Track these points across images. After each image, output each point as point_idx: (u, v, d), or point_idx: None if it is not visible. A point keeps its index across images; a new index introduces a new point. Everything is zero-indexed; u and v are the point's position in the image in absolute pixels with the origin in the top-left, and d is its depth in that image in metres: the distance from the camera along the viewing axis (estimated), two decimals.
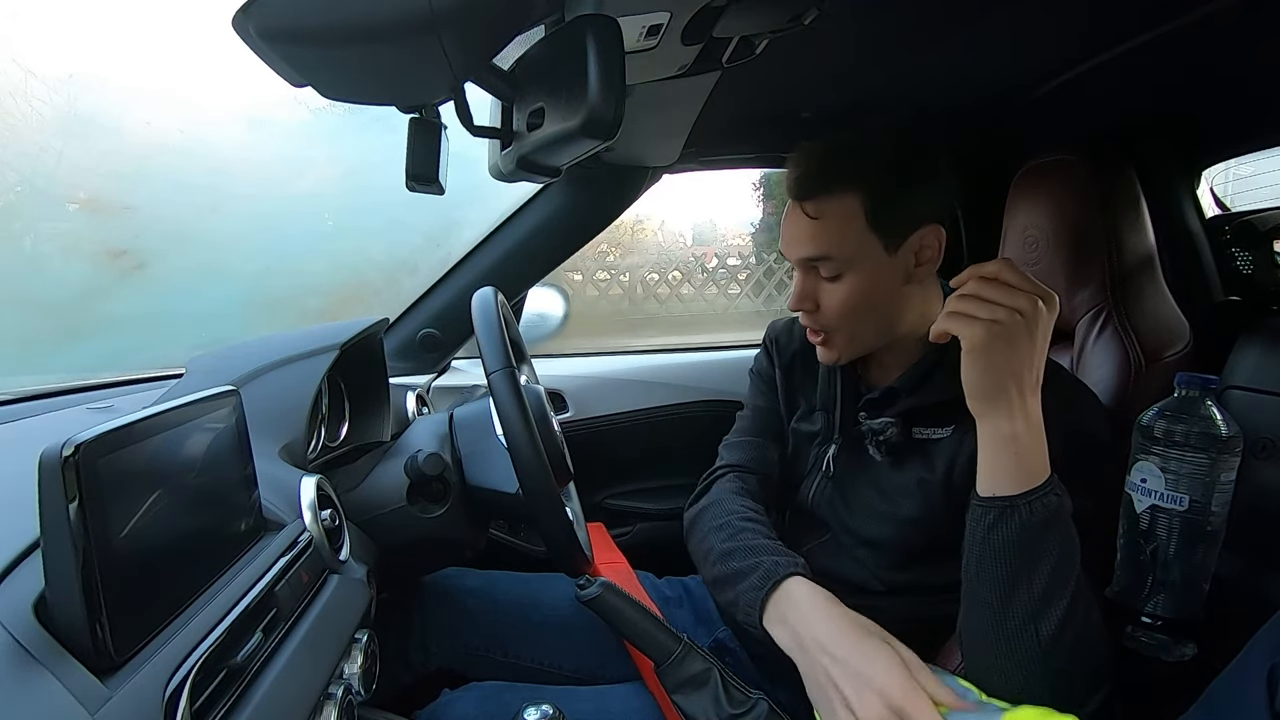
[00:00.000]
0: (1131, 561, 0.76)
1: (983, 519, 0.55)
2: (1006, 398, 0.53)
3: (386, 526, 0.75)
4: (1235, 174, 1.09)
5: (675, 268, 2.26)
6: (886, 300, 0.71)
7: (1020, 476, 0.53)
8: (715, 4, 0.52)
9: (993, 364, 0.53)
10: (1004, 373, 0.53)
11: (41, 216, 1.22)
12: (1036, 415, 0.54)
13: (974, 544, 0.56)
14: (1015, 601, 0.53)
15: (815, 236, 0.67)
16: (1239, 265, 0.97)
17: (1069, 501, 0.54)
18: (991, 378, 0.53)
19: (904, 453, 0.72)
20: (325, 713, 0.50)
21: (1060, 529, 0.53)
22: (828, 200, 0.67)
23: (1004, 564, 0.54)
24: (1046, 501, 0.53)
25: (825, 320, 0.71)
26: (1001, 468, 0.54)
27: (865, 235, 0.67)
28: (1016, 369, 0.53)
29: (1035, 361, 0.54)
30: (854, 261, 0.68)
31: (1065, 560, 0.53)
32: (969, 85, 0.90)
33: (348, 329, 0.79)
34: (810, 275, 0.70)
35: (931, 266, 0.71)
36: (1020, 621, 0.53)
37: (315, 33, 0.38)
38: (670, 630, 0.64)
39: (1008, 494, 0.53)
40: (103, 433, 0.37)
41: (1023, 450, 0.53)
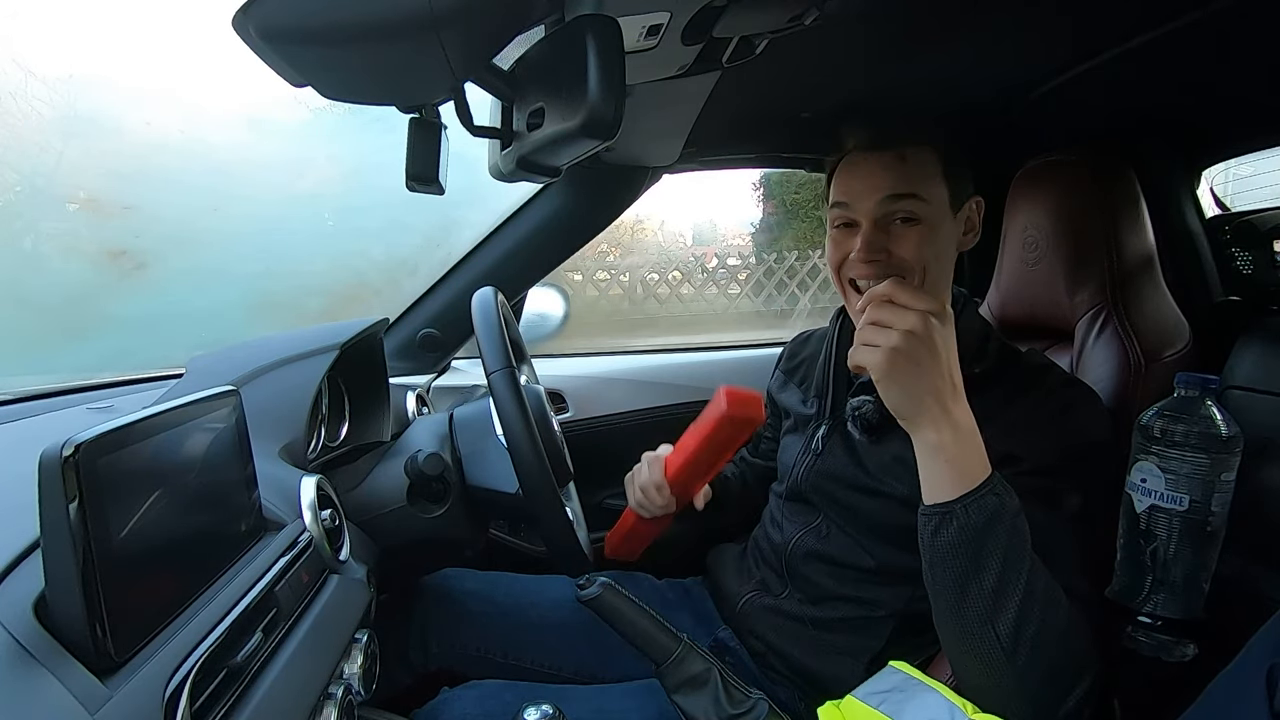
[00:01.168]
0: (1131, 561, 0.76)
1: (926, 526, 0.56)
2: (928, 412, 0.55)
3: (386, 526, 0.75)
4: (1235, 174, 1.09)
5: (675, 268, 2.27)
6: (944, 259, 0.72)
7: (955, 482, 0.55)
8: (715, 4, 0.52)
9: (904, 385, 0.55)
10: (918, 390, 0.55)
11: (41, 216, 1.22)
12: (964, 421, 0.56)
13: (924, 551, 0.57)
14: (968, 603, 0.54)
15: (905, 176, 0.69)
16: (1239, 265, 0.97)
17: (1012, 500, 0.55)
18: (907, 397, 0.55)
19: (883, 431, 0.73)
20: (325, 713, 0.50)
21: (1002, 528, 0.54)
22: (913, 148, 0.69)
23: (951, 568, 0.55)
24: (984, 503, 0.54)
25: (899, 264, 0.70)
26: (936, 476, 0.56)
27: (940, 186, 0.70)
28: (929, 384, 0.55)
29: (945, 372, 0.55)
30: (931, 206, 0.69)
31: (1013, 558, 0.54)
32: (969, 85, 0.90)
33: (348, 329, 0.79)
34: (881, 228, 0.70)
35: (973, 239, 0.74)
36: (977, 622, 0.54)
37: (315, 33, 0.38)
38: (670, 630, 0.64)
39: (945, 500, 0.55)
40: (103, 433, 0.37)
41: (953, 457, 0.55)
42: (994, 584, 0.53)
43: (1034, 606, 0.53)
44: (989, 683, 0.55)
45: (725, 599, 0.87)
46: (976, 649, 0.55)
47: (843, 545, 0.77)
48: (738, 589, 0.85)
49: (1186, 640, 0.73)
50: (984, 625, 0.54)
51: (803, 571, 0.79)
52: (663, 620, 0.65)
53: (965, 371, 0.69)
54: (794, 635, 0.77)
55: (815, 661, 0.75)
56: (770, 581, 0.83)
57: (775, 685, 0.78)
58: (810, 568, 0.78)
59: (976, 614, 0.54)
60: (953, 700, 0.54)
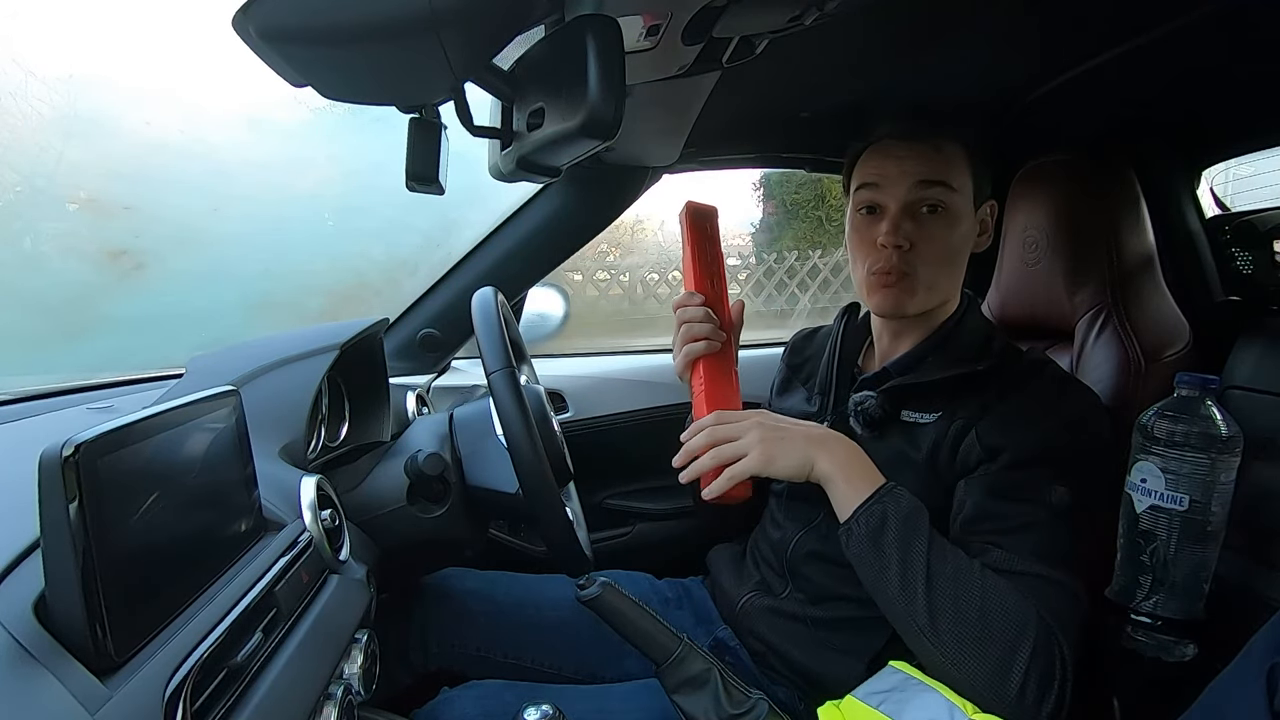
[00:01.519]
0: (1131, 561, 0.76)
1: (842, 544, 0.64)
2: (812, 457, 0.65)
3: (386, 526, 0.75)
4: (1235, 174, 1.09)
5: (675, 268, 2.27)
6: (961, 256, 0.75)
7: (849, 500, 0.63)
8: (715, 4, 0.52)
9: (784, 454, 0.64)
10: (794, 449, 0.65)
11: (41, 216, 1.22)
12: (840, 443, 0.66)
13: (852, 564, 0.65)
14: (887, 600, 0.61)
15: (938, 165, 0.71)
16: (1239, 265, 0.97)
17: (899, 505, 0.62)
18: (794, 458, 0.65)
19: (886, 427, 0.74)
20: (325, 713, 0.50)
21: (890, 532, 0.61)
22: (947, 141, 0.72)
23: (863, 572, 0.63)
24: (871, 513, 0.62)
25: (916, 258, 0.72)
26: (838, 498, 0.65)
27: (967, 181, 0.72)
28: (797, 439, 0.65)
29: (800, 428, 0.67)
30: (958, 198, 0.72)
31: (910, 555, 0.60)
32: (969, 85, 0.90)
33: (348, 329, 0.79)
34: (908, 215, 0.72)
35: (985, 240, 0.77)
36: (898, 612, 0.61)
37: (315, 33, 0.38)
38: (670, 630, 0.64)
39: (844, 519, 0.64)
40: (103, 433, 0.37)
41: (846, 478, 0.64)
42: (898, 581, 0.60)
43: (942, 595, 0.59)
44: (937, 667, 0.59)
45: (725, 599, 0.87)
46: (908, 635, 0.61)
47: None
48: (738, 589, 0.85)
49: (1186, 640, 0.73)
50: (906, 618, 0.60)
51: (803, 571, 0.79)
52: (663, 620, 0.65)
53: (968, 369, 0.70)
54: (794, 635, 0.77)
55: (815, 661, 0.75)
56: (771, 581, 0.83)
57: (775, 685, 0.78)
58: (811, 567, 0.78)
59: (895, 610, 0.61)
60: (953, 700, 0.54)
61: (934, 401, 0.71)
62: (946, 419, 0.70)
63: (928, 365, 0.74)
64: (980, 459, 0.66)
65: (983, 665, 0.56)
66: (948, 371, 0.71)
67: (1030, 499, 0.63)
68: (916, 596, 0.59)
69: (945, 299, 0.76)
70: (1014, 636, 0.57)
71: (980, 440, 0.66)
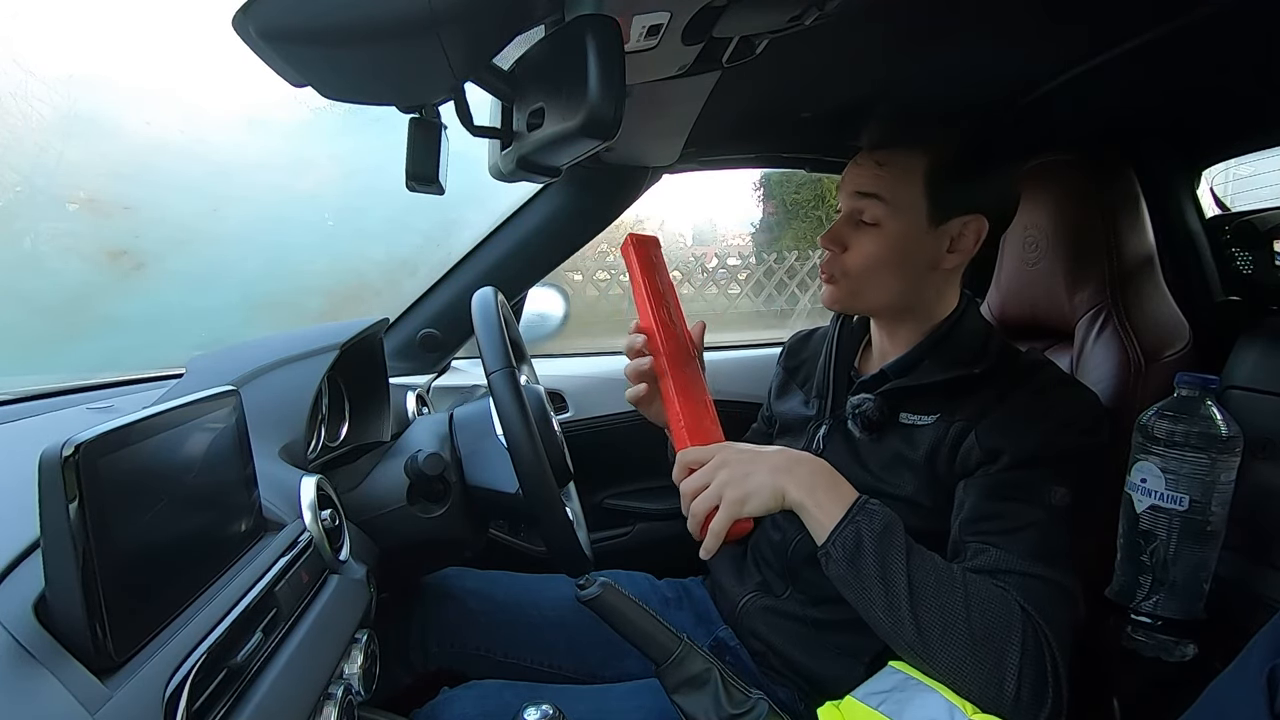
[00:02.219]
0: (1131, 561, 0.76)
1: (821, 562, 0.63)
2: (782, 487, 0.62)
3: (386, 526, 0.75)
4: (1235, 174, 1.09)
5: (675, 268, 2.27)
6: (906, 271, 0.73)
7: (822, 525, 0.61)
8: (715, 4, 0.52)
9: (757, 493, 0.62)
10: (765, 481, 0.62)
11: (41, 216, 1.22)
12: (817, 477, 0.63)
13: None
14: (874, 619, 0.60)
15: (874, 178, 0.72)
16: (1239, 265, 0.97)
17: (873, 522, 0.61)
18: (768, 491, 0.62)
19: (884, 430, 0.74)
20: (325, 713, 0.50)
21: (868, 552, 0.60)
22: (895, 153, 0.71)
23: (849, 596, 0.61)
24: (844, 535, 0.60)
25: (844, 265, 0.74)
26: (809, 525, 0.63)
27: (917, 196, 0.71)
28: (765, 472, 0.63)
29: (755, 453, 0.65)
30: (896, 214, 0.71)
31: (890, 571, 0.59)
32: (969, 85, 0.90)
33: (348, 329, 0.79)
34: (849, 222, 0.74)
35: (962, 259, 0.73)
36: (887, 630, 0.59)
37: (315, 33, 0.38)
38: (670, 630, 0.64)
39: (820, 543, 0.62)
40: (103, 433, 0.37)
41: (818, 504, 0.62)
42: (882, 600, 0.59)
43: (927, 606, 0.57)
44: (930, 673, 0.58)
45: (725, 599, 0.87)
46: (899, 650, 0.60)
47: None
48: (738, 589, 0.85)
49: (1186, 640, 0.74)
50: (895, 635, 0.59)
51: (804, 573, 0.79)
52: (662, 620, 0.65)
53: (966, 371, 0.70)
54: (794, 636, 0.77)
55: (815, 662, 0.75)
56: (771, 582, 0.83)
57: (775, 685, 0.78)
58: (811, 570, 0.78)
59: (885, 628, 0.59)
60: (952, 700, 0.54)
61: (932, 403, 0.71)
62: (945, 421, 0.70)
63: (925, 367, 0.74)
64: (980, 460, 0.66)
65: (978, 672, 0.56)
66: (945, 374, 0.71)
67: (1029, 499, 0.63)
68: (902, 613, 0.58)
69: (899, 305, 0.76)
70: (1002, 640, 0.57)
71: (980, 442, 0.66)
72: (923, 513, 0.70)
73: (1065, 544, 0.62)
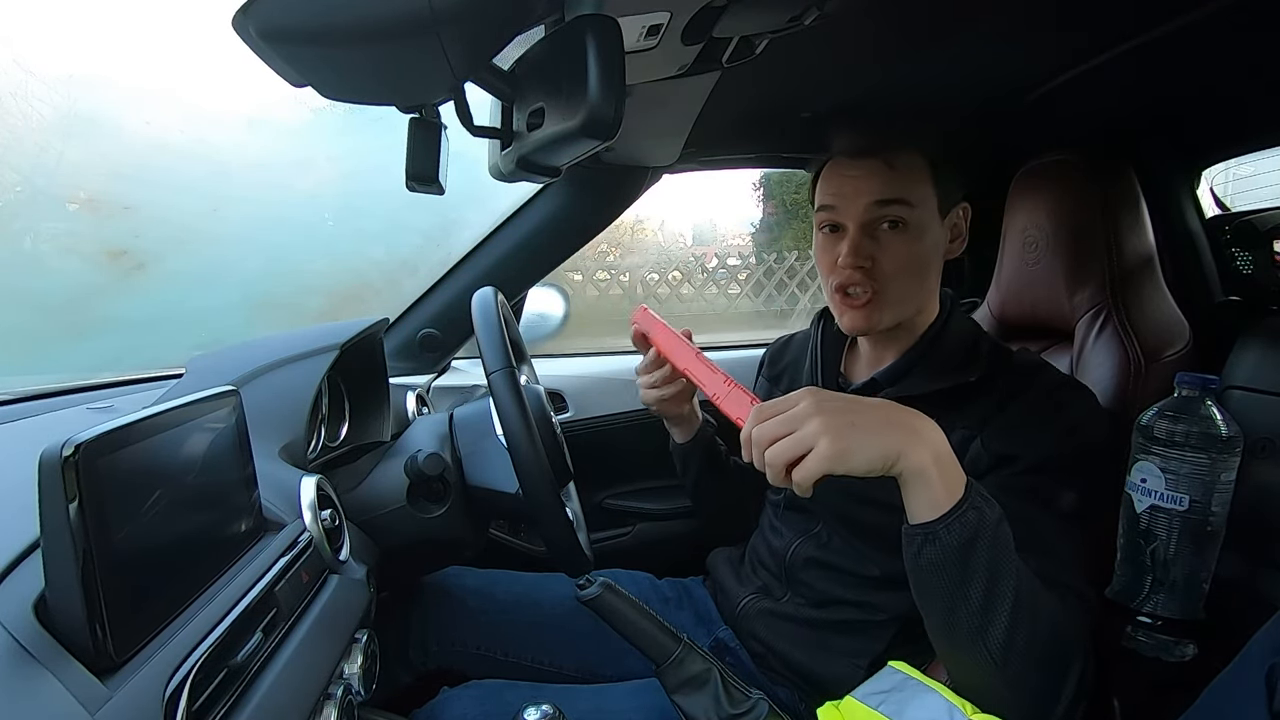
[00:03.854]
0: (1131, 561, 0.76)
1: (910, 546, 0.54)
2: (897, 447, 0.51)
3: (386, 526, 0.75)
4: (1235, 174, 1.09)
5: (675, 268, 2.27)
6: (931, 267, 0.73)
7: (936, 502, 0.52)
8: (715, 4, 0.52)
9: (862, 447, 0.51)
10: (873, 439, 0.51)
11: (41, 216, 1.22)
12: (934, 434, 0.53)
13: (909, 571, 0.55)
14: (957, 619, 0.53)
15: (893, 182, 0.69)
16: (1239, 265, 0.97)
17: (992, 511, 0.53)
18: (872, 451, 0.51)
19: None
20: (325, 712, 0.50)
21: (984, 543, 0.51)
22: (902, 154, 0.70)
23: (937, 587, 0.53)
24: (965, 520, 0.51)
25: (881, 276, 0.70)
26: (920, 497, 0.52)
27: (929, 192, 0.70)
28: (874, 428, 0.51)
29: (874, 407, 0.53)
30: (919, 212, 0.70)
31: (999, 572, 0.52)
32: (969, 85, 0.90)
33: (348, 329, 0.79)
34: (867, 234, 0.71)
35: (959, 245, 0.75)
36: (968, 636, 0.53)
37: (315, 33, 0.38)
38: (670, 630, 0.64)
39: (926, 520, 0.52)
40: (103, 433, 0.37)
41: (937, 476, 0.52)
42: (981, 599, 0.52)
43: (1022, 615, 0.52)
44: (984, 688, 0.54)
45: (725, 601, 0.87)
46: (968, 661, 0.54)
47: (844, 552, 0.76)
48: (738, 591, 0.85)
49: (1186, 640, 0.73)
50: (974, 640, 0.53)
51: (803, 577, 0.78)
52: (662, 620, 0.65)
53: (961, 380, 0.69)
54: (794, 637, 0.77)
55: (815, 663, 0.74)
56: (771, 586, 0.83)
57: (775, 686, 0.78)
58: (811, 574, 0.78)
59: (966, 630, 0.53)
60: (953, 701, 0.54)
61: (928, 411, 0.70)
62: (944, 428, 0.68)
63: (917, 374, 0.73)
64: (990, 466, 0.65)
65: (1045, 687, 0.54)
66: (937, 383, 0.70)
67: (1045, 505, 0.61)
68: (996, 620, 0.52)
69: (919, 309, 0.74)
70: (1071, 664, 0.55)
71: (988, 448, 0.65)
72: None
73: (1081, 550, 0.61)
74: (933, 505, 0.52)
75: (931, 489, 0.51)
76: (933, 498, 0.52)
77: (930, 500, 0.52)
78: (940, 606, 0.54)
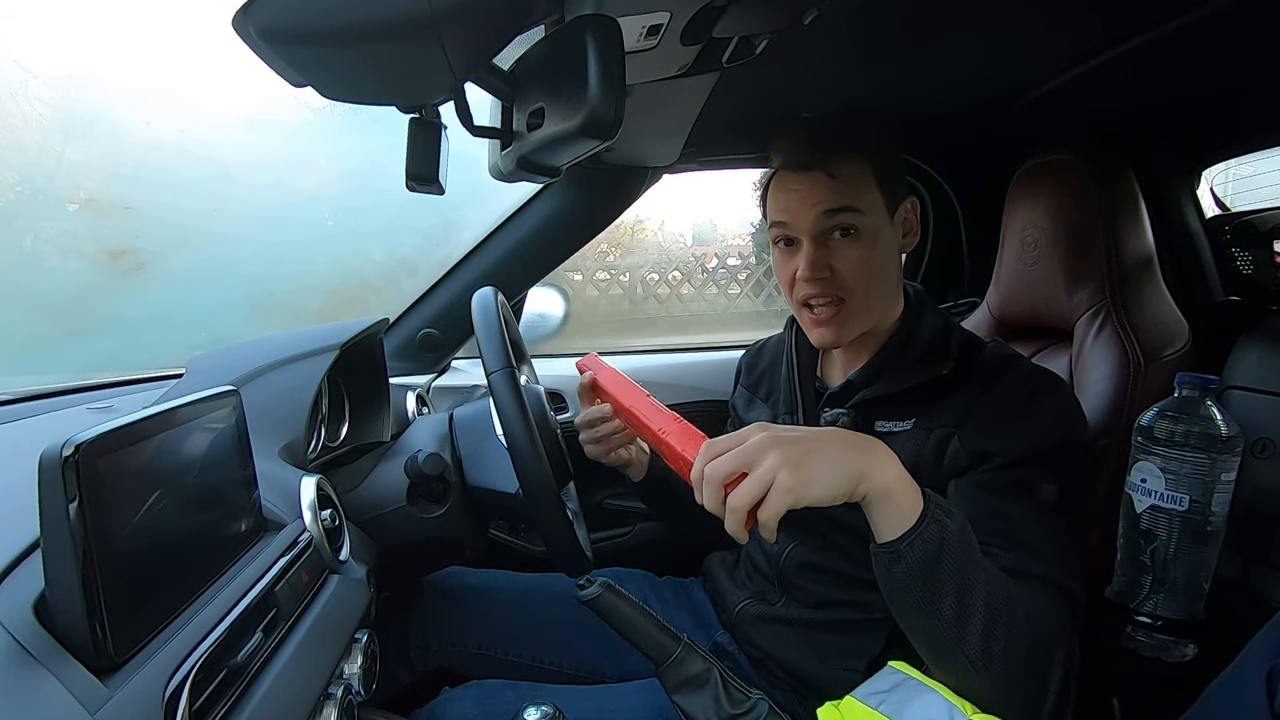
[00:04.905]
0: (1131, 561, 0.76)
1: (879, 566, 0.54)
2: (858, 471, 0.51)
3: (386, 526, 0.75)
4: (1235, 174, 1.09)
5: (675, 268, 2.26)
6: (889, 267, 0.74)
7: (897, 520, 0.52)
8: (715, 4, 0.52)
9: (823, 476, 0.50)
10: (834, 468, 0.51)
11: (41, 216, 1.22)
12: (886, 454, 0.53)
13: (883, 589, 0.56)
14: (934, 630, 0.53)
15: (836, 190, 0.70)
16: (1239, 265, 0.97)
17: (953, 521, 0.53)
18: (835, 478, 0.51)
19: None
20: (325, 712, 0.50)
21: (949, 555, 0.51)
22: (844, 161, 0.70)
23: (909, 601, 0.53)
24: (928, 535, 0.51)
25: (842, 283, 0.71)
26: (885, 520, 0.53)
27: (875, 195, 0.71)
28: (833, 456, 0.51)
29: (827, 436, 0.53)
30: (868, 216, 0.71)
31: (968, 580, 0.52)
32: (969, 85, 0.90)
33: (348, 329, 0.79)
34: (821, 244, 0.72)
35: (913, 240, 0.76)
36: (947, 646, 0.53)
37: (315, 33, 0.38)
38: (670, 630, 0.64)
39: (891, 540, 0.52)
40: (103, 433, 0.37)
41: (896, 495, 0.52)
42: (953, 610, 0.52)
43: (998, 620, 0.52)
44: (972, 690, 0.54)
45: (722, 605, 0.87)
46: (953, 669, 0.54)
47: (837, 556, 0.76)
48: (733, 596, 0.85)
49: (1186, 640, 0.73)
50: (954, 649, 0.53)
51: (796, 581, 0.78)
52: (662, 620, 0.65)
53: (934, 374, 0.69)
54: (791, 641, 0.77)
55: (813, 666, 0.74)
56: (765, 590, 0.83)
57: (774, 689, 0.78)
58: (805, 577, 0.78)
59: (943, 640, 0.53)
60: (952, 701, 0.54)
61: (905, 408, 0.70)
62: (923, 426, 0.69)
63: (890, 374, 0.73)
64: (969, 464, 0.65)
65: (1027, 687, 0.54)
66: (911, 380, 0.70)
67: (1023, 499, 0.62)
68: (971, 628, 0.52)
69: (885, 310, 0.75)
70: (1052, 653, 0.55)
71: (965, 446, 0.65)
72: None
73: (1067, 542, 0.62)
74: (898, 523, 0.52)
75: (896, 506, 0.52)
76: (898, 516, 0.52)
77: (896, 518, 0.52)
78: (916, 620, 0.54)
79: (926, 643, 0.55)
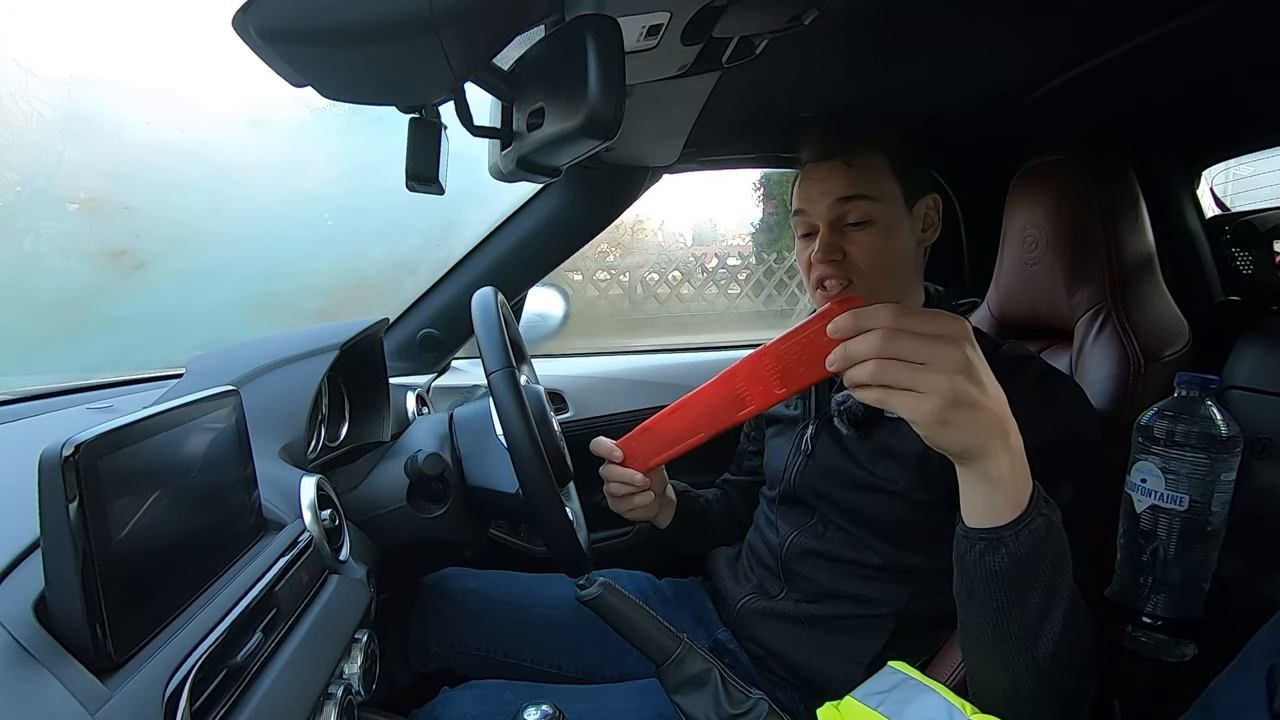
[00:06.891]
0: (1131, 561, 0.76)
1: (970, 550, 0.51)
2: (989, 448, 0.47)
3: (386, 526, 0.75)
4: (1235, 174, 1.09)
5: (675, 268, 2.26)
6: (904, 258, 0.75)
7: (1005, 508, 0.49)
8: (715, 4, 0.52)
9: (964, 431, 0.46)
10: (981, 434, 0.46)
11: (41, 216, 1.22)
12: (1018, 444, 0.49)
13: (963, 573, 0.52)
14: (1009, 627, 0.51)
15: (852, 179, 0.73)
16: (1239, 265, 0.97)
17: (1056, 515, 0.50)
18: (970, 441, 0.46)
19: (871, 425, 0.75)
20: (325, 712, 0.50)
21: (1050, 549, 0.49)
22: (860, 153, 0.74)
23: (994, 593, 0.50)
24: (1034, 527, 0.48)
25: (853, 268, 0.74)
26: (987, 502, 0.49)
27: (892, 186, 0.74)
28: (990, 423, 0.46)
29: (996, 402, 0.48)
30: (882, 205, 0.73)
31: (1057, 579, 0.50)
32: (969, 85, 0.90)
33: (348, 329, 0.79)
34: (836, 230, 0.74)
35: (932, 235, 0.78)
36: (1016, 644, 0.51)
37: (315, 33, 0.38)
38: (670, 630, 0.64)
39: (993, 526, 0.49)
40: (103, 433, 0.37)
41: (1010, 485, 0.48)
42: (1038, 607, 0.50)
43: (1072, 622, 0.51)
44: (1011, 693, 0.52)
45: (723, 602, 0.87)
46: (1009, 668, 0.52)
47: (842, 542, 0.77)
48: (734, 592, 0.85)
49: (1186, 640, 0.74)
50: (1023, 647, 0.50)
51: (799, 570, 0.79)
52: (662, 620, 0.65)
53: None
54: (792, 638, 0.77)
55: (814, 664, 0.75)
56: (767, 583, 0.83)
57: (774, 688, 0.78)
58: (807, 565, 0.78)
59: (1016, 637, 0.51)
60: (952, 701, 0.54)
61: None
62: None
63: None
64: None
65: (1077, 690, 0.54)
66: None
67: None
68: (1048, 630, 0.50)
69: (900, 300, 0.76)
70: (1093, 665, 0.54)
71: None
72: (920, 508, 0.70)
73: (1079, 542, 0.61)
74: (997, 509, 0.49)
75: (1004, 491, 0.48)
76: (998, 501, 0.49)
77: (995, 504, 0.49)
78: (990, 612, 0.51)
79: (993, 637, 0.52)
